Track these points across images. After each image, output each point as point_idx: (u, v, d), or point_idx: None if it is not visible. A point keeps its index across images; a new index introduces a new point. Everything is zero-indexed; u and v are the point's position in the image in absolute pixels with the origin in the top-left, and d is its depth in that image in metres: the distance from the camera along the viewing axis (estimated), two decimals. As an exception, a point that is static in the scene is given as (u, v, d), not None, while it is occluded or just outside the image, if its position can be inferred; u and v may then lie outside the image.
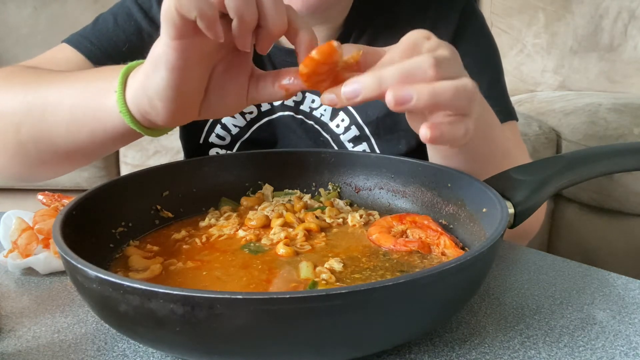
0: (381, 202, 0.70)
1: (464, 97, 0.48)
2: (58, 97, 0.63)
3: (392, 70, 0.47)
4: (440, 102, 0.47)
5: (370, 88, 0.47)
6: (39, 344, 0.50)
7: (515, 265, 0.64)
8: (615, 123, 1.76)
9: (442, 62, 0.47)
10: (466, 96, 0.48)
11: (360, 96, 0.47)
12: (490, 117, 0.66)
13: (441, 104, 0.47)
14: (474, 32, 0.86)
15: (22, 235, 0.63)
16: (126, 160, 2.05)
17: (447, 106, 0.47)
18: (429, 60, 0.47)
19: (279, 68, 0.85)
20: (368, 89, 0.47)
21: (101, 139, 0.62)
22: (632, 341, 0.49)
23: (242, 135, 0.88)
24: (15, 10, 2.48)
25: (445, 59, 0.48)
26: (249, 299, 0.38)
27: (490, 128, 0.66)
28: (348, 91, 0.48)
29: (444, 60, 0.48)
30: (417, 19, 0.85)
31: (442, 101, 0.47)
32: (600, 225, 1.81)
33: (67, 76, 0.65)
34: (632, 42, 2.22)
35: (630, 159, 0.63)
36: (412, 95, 0.46)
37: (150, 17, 0.85)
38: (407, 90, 0.46)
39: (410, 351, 0.48)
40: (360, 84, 0.47)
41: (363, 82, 0.47)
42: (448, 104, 0.47)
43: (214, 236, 0.62)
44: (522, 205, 0.55)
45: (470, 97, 0.48)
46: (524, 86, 2.39)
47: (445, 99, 0.47)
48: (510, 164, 0.62)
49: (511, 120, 0.86)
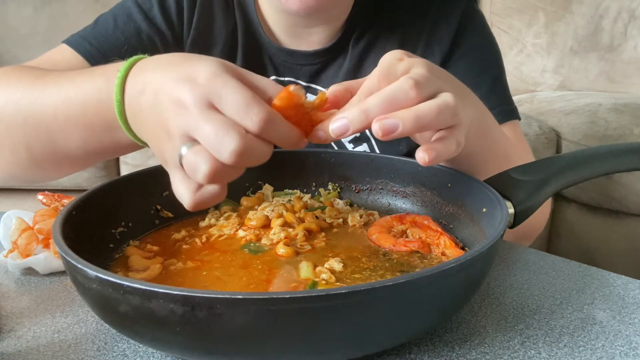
0: (381, 202, 0.70)
1: (447, 113, 0.49)
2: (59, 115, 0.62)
3: (376, 100, 0.48)
4: (426, 123, 0.48)
5: (357, 121, 0.48)
6: (39, 344, 0.50)
7: (515, 265, 0.64)
8: (615, 123, 1.76)
9: (421, 81, 0.49)
10: (449, 112, 0.49)
11: (350, 131, 0.48)
12: (487, 120, 0.66)
13: (427, 125, 0.48)
14: (475, 32, 0.86)
15: (22, 235, 0.63)
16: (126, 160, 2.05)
17: (432, 125, 0.49)
18: (408, 82, 0.48)
19: (280, 69, 0.86)
20: (355, 123, 0.48)
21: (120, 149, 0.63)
22: (632, 341, 0.49)
23: None
24: (15, 10, 2.47)
25: (422, 77, 0.49)
26: (249, 299, 0.38)
27: (489, 130, 0.66)
28: (337, 127, 0.48)
29: (422, 79, 0.49)
30: (417, 19, 0.85)
31: (427, 122, 0.48)
32: (600, 225, 1.81)
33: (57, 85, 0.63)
34: (632, 42, 2.22)
35: (630, 159, 0.63)
36: (397, 123, 0.47)
37: (150, 18, 0.85)
38: (392, 120, 0.47)
39: (410, 351, 0.48)
40: (348, 119, 0.48)
41: (350, 117, 0.48)
42: (433, 123, 0.49)
43: (214, 236, 0.62)
44: (522, 205, 0.55)
45: (452, 111, 0.49)
46: (524, 86, 2.39)
47: (430, 119, 0.48)
48: (512, 164, 0.62)
49: (514, 120, 0.86)
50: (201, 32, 0.86)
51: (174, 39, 0.86)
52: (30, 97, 0.64)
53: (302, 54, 0.85)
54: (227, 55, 0.86)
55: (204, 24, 0.86)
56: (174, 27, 0.86)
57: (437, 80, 0.51)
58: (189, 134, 0.46)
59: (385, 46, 0.85)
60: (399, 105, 0.48)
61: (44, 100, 0.63)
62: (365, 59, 0.85)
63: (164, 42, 0.86)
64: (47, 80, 0.64)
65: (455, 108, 0.49)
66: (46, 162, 0.68)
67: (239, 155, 0.44)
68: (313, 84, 0.86)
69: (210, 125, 0.45)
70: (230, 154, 0.44)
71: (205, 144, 0.45)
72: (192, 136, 0.46)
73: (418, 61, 0.53)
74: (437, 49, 0.84)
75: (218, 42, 0.86)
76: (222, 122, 0.45)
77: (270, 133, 0.46)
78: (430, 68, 0.52)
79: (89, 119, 0.59)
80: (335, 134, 0.49)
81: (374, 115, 0.47)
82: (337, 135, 0.49)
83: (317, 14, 0.78)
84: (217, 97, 0.46)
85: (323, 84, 0.86)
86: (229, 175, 0.46)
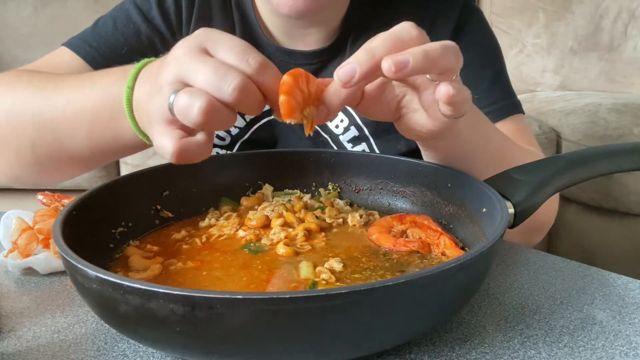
0: (381, 202, 0.70)
1: (451, 52, 0.48)
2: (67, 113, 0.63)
3: (380, 40, 0.48)
4: (434, 58, 0.47)
5: (364, 61, 0.47)
6: (39, 344, 0.50)
7: (515, 265, 0.64)
8: (615, 123, 1.76)
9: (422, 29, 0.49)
10: (453, 52, 0.49)
11: (357, 75, 0.47)
12: (479, 114, 0.66)
13: (435, 61, 0.47)
14: (474, 28, 0.86)
15: (22, 235, 0.63)
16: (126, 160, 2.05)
17: (440, 63, 0.48)
18: (409, 23, 0.48)
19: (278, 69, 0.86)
20: (363, 64, 0.47)
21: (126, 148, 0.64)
22: (632, 341, 0.49)
23: (242, 135, 0.88)
24: (15, 10, 2.48)
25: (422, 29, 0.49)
26: (249, 299, 0.38)
27: (481, 123, 0.66)
28: (343, 72, 0.47)
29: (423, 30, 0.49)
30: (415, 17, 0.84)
31: (435, 58, 0.47)
32: (600, 225, 1.81)
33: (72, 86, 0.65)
34: (632, 42, 2.22)
35: (630, 159, 0.63)
36: (408, 59, 0.46)
37: (150, 19, 0.85)
38: (403, 55, 0.46)
39: (410, 351, 0.48)
40: (354, 62, 0.47)
41: (356, 59, 0.47)
42: (441, 61, 0.48)
43: (214, 236, 0.62)
44: (522, 205, 0.55)
45: (456, 52, 0.49)
46: (524, 86, 2.39)
47: (438, 55, 0.47)
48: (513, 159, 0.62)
49: (517, 114, 0.86)
50: None
51: (174, 39, 0.86)
52: (41, 96, 0.66)
53: (300, 53, 0.85)
54: None
55: (203, 23, 0.86)
56: (173, 28, 0.86)
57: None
58: (182, 80, 0.46)
59: None
60: (403, 43, 0.47)
61: (56, 98, 0.64)
62: None
63: (163, 42, 0.86)
64: (59, 81, 0.66)
65: (458, 50, 0.49)
66: (50, 163, 0.69)
67: (242, 91, 0.44)
68: None
69: (208, 66, 0.45)
70: (234, 89, 0.44)
71: (203, 85, 0.45)
72: (185, 81, 0.46)
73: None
74: None
75: None
76: (220, 63, 0.46)
77: (265, 78, 0.46)
78: None
79: (96, 111, 0.60)
80: (342, 80, 0.47)
81: (380, 53, 0.47)
82: (343, 81, 0.47)
83: (309, 17, 0.78)
84: (212, 43, 0.46)
85: None
86: (224, 117, 0.46)
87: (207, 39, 0.47)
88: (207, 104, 0.45)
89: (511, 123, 0.83)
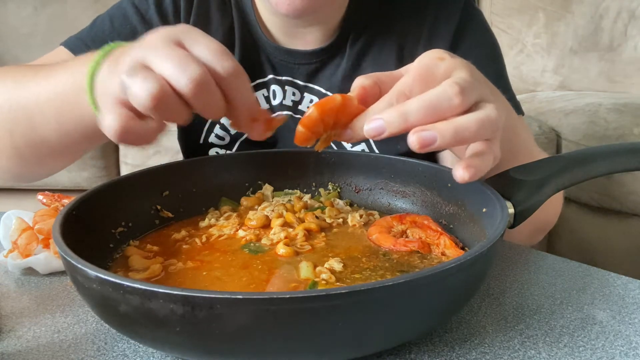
0: (381, 202, 0.70)
1: (488, 128, 0.46)
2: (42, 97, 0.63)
3: (416, 104, 0.46)
4: (465, 137, 0.46)
5: (396, 125, 0.46)
6: (39, 344, 0.50)
7: (515, 265, 0.64)
8: (615, 123, 1.76)
9: (465, 87, 0.46)
10: (490, 127, 0.47)
11: (386, 133, 0.46)
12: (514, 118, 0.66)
13: (465, 139, 0.46)
14: (475, 29, 0.86)
15: (22, 235, 0.63)
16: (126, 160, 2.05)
17: (471, 140, 0.47)
18: (453, 88, 0.46)
19: (278, 68, 0.86)
20: (393, 126, 0.46)
21: (89, 134, 0.62)
22: (632, 341, 0.49)
23: (241, 135, 0.88)
24: (15, 10, 2.48)
25: (466, 81, 0.47)
26: (249, 299, 0.38)
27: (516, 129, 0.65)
28: (372, 128, 0.46)
29: (467, 84, 0.46)
30: (416, 18, 0.85)
31: (466, 137, 0.46)
32: (600, 225, 1.81)
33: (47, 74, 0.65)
34: (632, 42, 2.22)
35: (630, 159, 0.63)
36: (435, 136, 0.45)
37: (147, 19, 0.85)
38: (431, 133, 0.45)
39: (410, 351, 0.48)
40: (384, 121, 0.46)
41: (387, 119, 0.46)
42: (472, 138, 0.46)
43: (214, 236, 0.62)
44: (522, 205, 0.55)
45: (494, 126, 0.47)
46: (524, 86, 2.39)
47: (470, 134, 0.46)
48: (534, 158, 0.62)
49: (518, 115, 0.86)
50: None
51: None
52: (19, 85, 0.66)
53: (299, 53, 0.85)
54: None
55: (201, 23, 0.86)
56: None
57: (480, 86, 0.48)
58: (144, 62, 0.45)
59: (384, 45, 0.85)
60: (441, 113, 0.46)
61: (31, 86, 0.65)
62: (363, 58, 0.85)
63: None
64: (39, 71, 0.66)
65: (497, 122, 0.47)
66: (28, 153, 0.69)
67: (199, 86, 0.43)
68: (310, 83, 0.86)
69: (174, 55, 0.44)
70: (191, 81, 0.43)
71: (161, 69, 0.44)
72: (147, 64, 0.45)
73: (461, 63, 0.50)
74: (439, 45, 0.83)
75: None
76: (187, 55, 0.45)
77: (233, 86, 0.46)
78: (472, 71, 0.50)
79: (64, 94, 0.60)
80: (369, 135, 0.47)
81: (413, 120, 0.45)
82: (371, 136, 0.47)
83: (307, 16, 0.78)
84: (190, 39, 0.46)
85: (320, 84, 0.86)
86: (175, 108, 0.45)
87: (187, 35, 0.46)
88: (158, 90, 0.44)
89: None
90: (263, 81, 0.86)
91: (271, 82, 0.86)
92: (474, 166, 0.47)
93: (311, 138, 0.51)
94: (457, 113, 0.46)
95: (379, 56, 0.84)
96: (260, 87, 0.87)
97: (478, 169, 0.47)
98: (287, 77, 0.86)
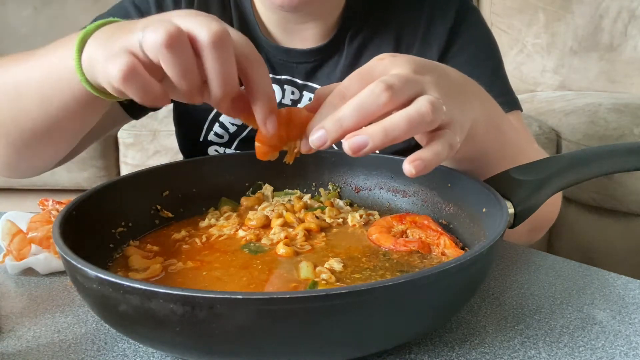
0: (381, 202, 0.70)
1: (419, 122, 0.46)
2: (26, 74, 0.64)
3: (348, 109, 0.46)
4: (397, 135, 0.46)
5: (333, 131, 0.47)
6: (39, 344, 0.50)
7: (515, 265, 0.64)
8: (615, 123, 1.76)
9: (394, 83, 0.46)
10: (423, 120, 0.46)
11: (328, 142, 0.47)
12: (497, 113, 0.65)
13: (399, 137, 0.46)
14: (471, 25, 0.86)
15: (14, 240, 0.62)
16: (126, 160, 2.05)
17: (406, 136, 0.46)
18: (379, 86, 0.46)
19: (277, 67, 0.87)
20: (332, 133, 0.47)
21: (73, 109, 0.62)
22: (632, 341, 0.49)
23: (240, 133, 0.88)
24: (15, 10, 2.48)
25: (398, 79, 0.47)
26: (249, 299, 0.38)
27: (499, 124, 0.65)
28: (316, 139, 0.47)
29: (397, 81, 0.46)
30: (413, 15, 0.85)
31: (398, 135, 0.46)
32: (600, 225, 1.81)
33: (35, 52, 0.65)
34: (632, 42, 2.22)
35: (630, 159, 0.63)
36: (366, 140, 0.45)
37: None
38: (361, 137, 0.45)
39: (410, 351, 0.48)
40: (325, 130, 0.47)
41: (326, 127, 0.47)
42: (407, 134, 0.46)
43: (214, 236, 0.62)
44: (522, 205, 0.55)
45: (428, 119, 0.46)
46: (524, 86, 2.39)
47: (401, 131, 0.46)
48: (525, 157, 0.62)
49: (515, 110, 0.86)
50: None
51: None
52: (11, 67, 0.66)
53: (298, 52, 0.85)
54: None
55: None
56: None
57: (418, 81, 0.48)
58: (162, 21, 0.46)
59: (382, 43, 0.85)
60: (372, 113, 0.46)
61: (22, 66, 0.65)
62: (362, 56, 0.85)
63: None
64: (32, 53, 0.66)
65: (433, 113, 0.46)
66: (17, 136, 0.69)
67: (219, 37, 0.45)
68: (309, 82, 0.86)
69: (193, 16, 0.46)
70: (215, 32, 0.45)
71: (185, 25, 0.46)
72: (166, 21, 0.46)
73: (400, 61, 0.50)
74: (435, 43, 0.85)
75: None
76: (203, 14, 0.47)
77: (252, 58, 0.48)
78: (416, 67, 0.50)
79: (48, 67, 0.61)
80: (316, 146, 0.48)
81: (347, 125, 0.46)
82: (317, 147, 0.48)
83: (302, 9, 0.78)
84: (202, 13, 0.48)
85: (319, 82, 0.86)
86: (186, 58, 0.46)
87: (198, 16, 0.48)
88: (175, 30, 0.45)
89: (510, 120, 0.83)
90: None
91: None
92: (422, 159, 0.47)
93: (269, 152, 0.53)
94: (389, 110, 0.47)
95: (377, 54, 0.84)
96: None
97: (427, 161, 0.47)
98: (286, 76, 0.86)
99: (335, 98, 0.49)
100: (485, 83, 0.63)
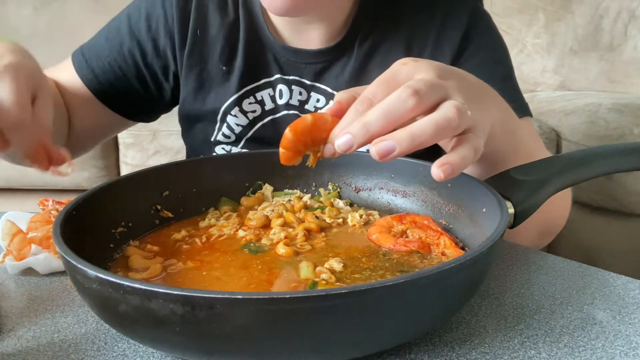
0: (381, 202, 0.70)
1: (446, 127, 0.47)
2: None
3: (375, 114, 0.47)
4: (423, 141, 0.46)
5: (360, 136, 0.47)
6: (39, 344, 0.50)
7: (515, 265, 0.64)
8: (615, 123, 1.76)
9: (421, 88, 0.47)
10: (449, 125, 0.47)
11: (354, 147, 0.47)
12: (512, 118, 0.66)
13: (425, 142, 0.46)
14: (484, 31, 0.86)
15: (13, 240, 0.62)
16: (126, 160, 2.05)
17: (433, 141, 0.47)
18: (406, 91, 0.46)
19: (285, 68, 0.86)
20: (358, 138, 0.47)
21: None
22: (632, 341, 0.49)
23: (246, 133, 0.88)
24: (15, 10, 2.48)
25: (424, 83, 0.47)
26: (249, 299, 0.38)
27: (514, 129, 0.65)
28: (342, 143, 0.47)
29: (423, 86, 0.47)
30: (424, 18, 0.84)
31: (425, 140, 0.46)
32: (600, 225, 1.81)
33: None
34: (632, 42, 2.22)
35: (630, 159, 0.63)
36: (394, 145, 0.46)
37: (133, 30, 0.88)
38: (389, 142, 0.46)
39: (410, 351, 0.48)
40: (351, 135, 0.47)
41: (353, 132, 0.47)
42: (433, 139, 0.46)
43: (214, 236, 0.62)
44: (522, 205, 0.55)
45: (455, 124, 0.47)
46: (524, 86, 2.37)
47: (428, 137, 0.46)
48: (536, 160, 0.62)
49: (526, 116, 0.86)
50: (198, 35, 0.86)
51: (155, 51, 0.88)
52: None
53: (306, 52, 0.85)
54: (227, 53, 0.86)
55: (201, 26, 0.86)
56: (157, 41, 0.88)
57: (443, 85, 0.49)
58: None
59: (392, 46, 0.84)
60: (399, 118, 0.46)
61: None
62: (371, 58, 0.84)
63: (142, 55, 0.88)
64: None
65: (459, 118, 0.47)
66: None
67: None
68: (317, 82, 0.86)
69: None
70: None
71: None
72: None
73: (424, 66, 0.51)
74: (447, 47, 0.83)
75: (217, 42, 0.86)
76: None
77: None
78: (439, 72, 0.50)
79: None
80: (341, 150, 0.48)
81: (374, 130, 0.46)
82: (343, 151, 0.48)
83: (300, 14, 0.78)
84: None
85: (328, 83, 0.86)
86: None
87: None
88: None
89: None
90: (269, 80, 0.86)
91: (278, 81, 0.86)
92: (450, 164, 0.47)
93: (293, 157, 0.53)
94: (416, 115, 0.47)
95: (387, 57, 0.84)
96: (266, 86, 0.87)
97: (455, 165, 0.47)
98: (294, 77, 0.86)
99: (361, 104, 0.49)
100: (496, 88, 0.63)
